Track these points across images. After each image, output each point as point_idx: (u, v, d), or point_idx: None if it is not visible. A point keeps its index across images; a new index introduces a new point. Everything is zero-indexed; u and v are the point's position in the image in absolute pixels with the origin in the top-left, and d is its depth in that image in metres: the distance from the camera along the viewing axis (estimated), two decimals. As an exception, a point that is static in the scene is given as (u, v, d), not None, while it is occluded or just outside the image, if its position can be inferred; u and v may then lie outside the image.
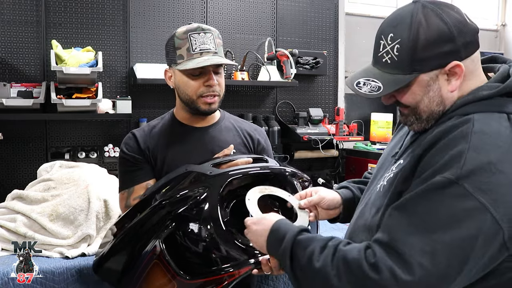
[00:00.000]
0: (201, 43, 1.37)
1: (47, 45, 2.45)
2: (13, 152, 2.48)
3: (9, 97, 2.33)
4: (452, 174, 0.82)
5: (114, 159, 2.50)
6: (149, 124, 1.52)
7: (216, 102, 1.41)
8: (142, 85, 2.65)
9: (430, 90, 0.93)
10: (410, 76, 0.92)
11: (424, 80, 0.93)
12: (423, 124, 0.98)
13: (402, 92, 0.95)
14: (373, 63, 0.99)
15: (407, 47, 0.91)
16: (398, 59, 0.92)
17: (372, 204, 1.04)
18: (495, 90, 0.92)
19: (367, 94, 0.96)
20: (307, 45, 3.15)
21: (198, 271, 1.14)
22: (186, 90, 1.40)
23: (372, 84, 0.96)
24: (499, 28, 4.19)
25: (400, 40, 0.91)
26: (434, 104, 0.95)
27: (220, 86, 1.42)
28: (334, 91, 3.29)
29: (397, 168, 0.99)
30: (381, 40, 0.95)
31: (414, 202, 0.85)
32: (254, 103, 3.04)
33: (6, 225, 1.73)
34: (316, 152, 2.98)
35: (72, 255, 1.65)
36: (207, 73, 1.38)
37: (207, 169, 1.22)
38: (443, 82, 0.93)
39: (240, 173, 1.21)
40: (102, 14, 2.61)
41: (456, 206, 0.81)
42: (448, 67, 0.91)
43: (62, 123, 2.56)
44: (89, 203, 1.79)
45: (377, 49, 0.96)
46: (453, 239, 0.80)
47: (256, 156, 1.37)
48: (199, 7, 2.84)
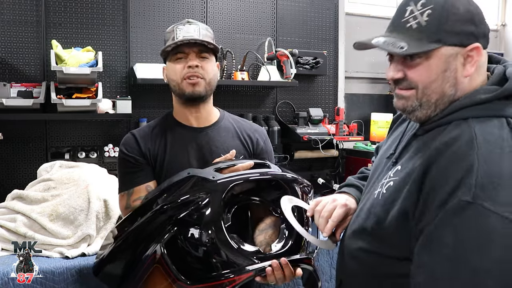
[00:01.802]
0: (185, 32, 1.40)
1: (47, 45, 2.45)
2: (13, 152, 2.48)
3: (9, 97, 2.33)
4: (466, 194, 0.79)
5: (114, 159, 2.50)
6: (149, 125, 1.51)
7: (200, 84, 1.41)
8: (142, 85, 2.65)
9: (448, 68, 0.91)
10: (435, 45, 0.90)
11: (445, 55, 0.90)
12: (429, 111, 0.94)
13: (416, 65, 0.92)
14: (388, 32, 0.95)
15: (439, 14, 0.90)
16: (426, 23, 0.90)
17: (368, 210, 1.02)
18: (493, 94, 0.91)
19: (389, 48, 0.91)
20: (307, 45, 3.14)
21: (199, 276, 1.14)
22: (172, 76, 1.43)
23: (395, 42, 0.91)
24: (499, 28, 4.19)
25: (433, 6, 0.90)
26: (448, 85, 0.92)
27: (205, 70, 1.42)
28: (334, 91, 3.29)
29: (395, 174, 0.97)
30: (409, 6, 0.93)
31: (438, 233, 0.82)
32: (254, 103, 3.04)
33: (6, 225, 1.73)
34: (316, 152, 2.98)
35: (72, 255, 1.65)
36: (190, 56, 1.41)
37: (209, 173, 1.22)
38: (459, 64, 0.91)
39: (242, 179, 1.21)
40: (102, 14, 2.61)
41: (481, 227, 0.79)
42: (470, 47, 0.90)
43: (62, 123, 2.56)
44: (89, 203, 1.79)
45: (401, 15, 0.94)
46: (491, 261, 0.77)
47: (259, 162, 1.36)
48: (199, 7, 2.84)
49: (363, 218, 1.03)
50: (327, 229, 1.10)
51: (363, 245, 1.02)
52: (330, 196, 1.19)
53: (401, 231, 0.91)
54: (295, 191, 1.28)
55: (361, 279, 1.04)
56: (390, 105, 1.01)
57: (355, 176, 1.33)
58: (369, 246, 1.00)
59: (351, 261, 1.07)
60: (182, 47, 1.41)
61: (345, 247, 1.10)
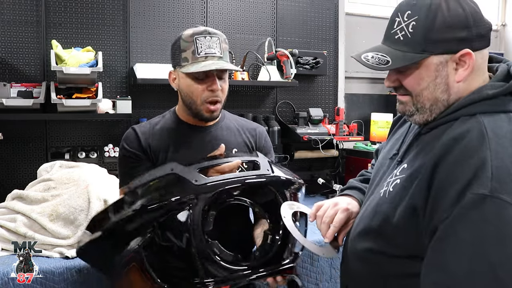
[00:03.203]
0: (207, 46, 1.36)
1: (47, 45, 2.45)
2: (13, 152, 2.48)
3: (9, 97, 2.33)
4: (484, 187, 0.79)
5: (114, 159, 2.50)
6: (150, 122, 1.50)
7: (218, 109, 1.41)
8: (142, 85, 2.65)
9: (437, 76, 0.92)
10: (420, 56, 0.91)
11: (433, 64, 0.91)
12: (425, 115, 0.95)
13: (408, 74, 0.94)
14: (383, 41, 0.97)
15: (423, 25, 0.90)
16: (411, 36, 0.91)
17: (374, 209, 1.01)
18: (500, 89, 0.91)
19: (374, 65, 0.94)
20: (307, 45, 3.14)
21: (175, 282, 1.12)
22: (190, 93, 1.39)
23: (380, 57, 0.94)
24: (499, 28, 4.19)
25: (417, 18, 0.90)
26: (439, 91, 0.93)
27: (223, 92, 1.41)
28: (334, 91, 3.29)
29: (401, 172, 0.97)
30: (397, 17, 0.94)
31: (455, 229, 0.81)
32: (254, 103, 3.04)
33: (6, 225, 1.73)
34: (316, 152, 2.98)
35: (72, 255, 1.65)
36: (211, 78, 1.37)
37: (192, 175, 1.13)
38: (451, 70, 0.92)
39: (227, 184, 1.14)
40: (102, 14, 2.61)
41: (500, 220, 0.78)
42: (459, 54, 0.90)
43: (62, 123, 2.56)
44: (89, 203, 1.79)
45: (391, 27, 0.95)
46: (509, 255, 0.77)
47: (248, 159, 1.31)
48: (199, 7, 2.84)
49: (369, 218, 1.02)
50: (329, 235, 1.09)
51: (370, 246, 1.01)
52: (332, 199, 1.17)
53: (409, 228, 0.90)
54: (283, 193, 1.24)
55: (369, 281, 1.03)
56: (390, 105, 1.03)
57: (357, 178, 1.32)
58: (376, 246, 0.99)
59: (357, 263, 1.05)
60: None
61: (349, 250, 1.08)
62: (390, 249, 0.96)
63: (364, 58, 0.96)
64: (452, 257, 0.81)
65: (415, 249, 0.90)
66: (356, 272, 1.07)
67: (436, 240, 0.84)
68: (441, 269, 0.82)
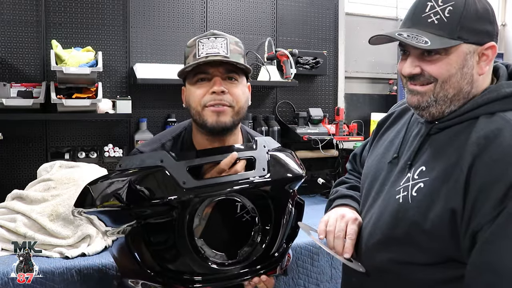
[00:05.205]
0: (210, 47, 1.16)
1: (47, 45, 2.44)
2: (13, 152, 2.48)
3: (9, 97, 2.33)
4: None
5: (114, 159, 2.50)
6: (159, 141, 1.29)
7: (227, 113, 1.16)
8: (142, 85, 2.65)
9: (465, 65, 0.91)
10: (455, 41, 0.89)
11: (464, 52, 0.91)
12: (444, 106, 0.93)
13: (435, 60, 0.91)
14: (410, 25, 0.94)
15: (460, 11, 0.89)
16: (447, 20, 0.90)
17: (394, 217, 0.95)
18: None
19: (413, 42, 0.89)
20: (307, 45, 3.14)
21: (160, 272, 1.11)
22: (192, 102, 1.19)
23: (418, 37, 0.90)
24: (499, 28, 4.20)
25: (454, 4, 0.90)
26: (465, 81, 0.92)
27: (234, 96, 1.17)
28: (334, 91, 3.29)
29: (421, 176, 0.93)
30: (429, 1, 0.92)
31: (504, 229, 0.80)
32: (254, 103, 3.00)
33: (6, 225, 1.73)
34: (316, 152, 2.98)
35: (72, 255, 1.65)
36: (213, 79, 1.17)
37: (181, 175, 1.05)
38: (475, 62, 0.92)
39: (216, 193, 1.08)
40: (102, 14, 2.60)
41: None
42: (485, 46, 0.91)
43: (62, 123, 2.55)
44: (89, 203, 1.79)
45: (422, 10, 0.92)
46: None
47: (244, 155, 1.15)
48: (199, 7, 2.84)
49: (390, 227, 0.96)
50: (348, 249, 1.02)
51: (392, 256, 0.96)
52: (335, 212, 1.11)
53: (445, 232, 0.87)
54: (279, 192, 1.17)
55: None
56: (390, 105, 1.01)
57: (343, 186, 1.25)
58: (399, 255, 0.95)
59: (381, 276, 1.00)
60: (205, 67, 1.16)
61: (365, 263, 1.03)
62: (417, 256, 0.93)
63: (398, 36, 0.92)
64: (505, 258, 0.80)
65: (448, 254, 0.88)
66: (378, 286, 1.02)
67: (484, 241, 0.82)
68: (494, 270, 0.81)
